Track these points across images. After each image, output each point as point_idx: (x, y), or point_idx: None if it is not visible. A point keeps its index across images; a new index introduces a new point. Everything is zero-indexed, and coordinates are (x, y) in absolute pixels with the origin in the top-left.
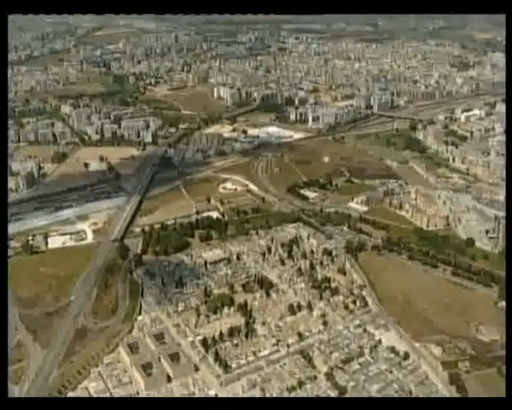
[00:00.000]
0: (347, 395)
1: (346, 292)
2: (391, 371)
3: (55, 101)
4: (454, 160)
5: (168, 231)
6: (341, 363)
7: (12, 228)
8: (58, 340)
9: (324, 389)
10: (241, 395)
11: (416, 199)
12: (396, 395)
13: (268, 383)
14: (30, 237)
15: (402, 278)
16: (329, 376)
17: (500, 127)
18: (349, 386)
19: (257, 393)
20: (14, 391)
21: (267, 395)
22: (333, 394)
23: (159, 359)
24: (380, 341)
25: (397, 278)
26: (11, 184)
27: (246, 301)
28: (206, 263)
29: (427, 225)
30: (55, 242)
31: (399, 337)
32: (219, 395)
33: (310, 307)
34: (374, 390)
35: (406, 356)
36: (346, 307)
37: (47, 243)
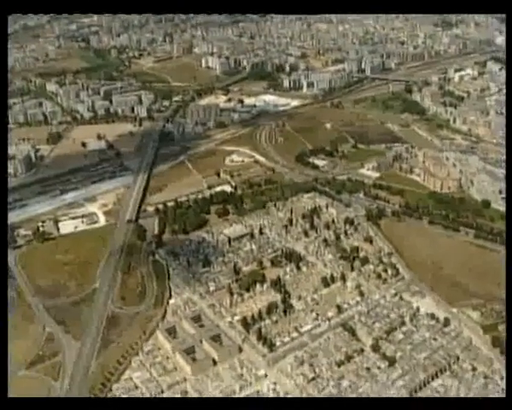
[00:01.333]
0: (396, 366)
1: (376, 261)
2: (435, 339)
3: (38, 79)
4: (455, 121)
5: (183, 209)
6: (385, 333)
7: (18, 215)
8: (90, 330)
9: (373, 361)
10: (290, 373)
11: (424, 162)
12: (444, 362)
13: (315, 359)
14: (40, 224)
15: (426, 243)
16: (375, 347)
17: (495, 87)
18: (397, 356)
19: (306, 370)
20: (56, 388)
21: (315, 371)
22: (383, 365)
23: (200, 342)
24: (418, 308)
25: (421, 244)
26: (8, 168)
27: (278, 277)
28: (229, 240)
29: (441, 189)
30: (67, 227)
31: (436, 304)
32: (268, 375)
33: (343, 278)
34: (421, 358)
35: (447, 322)
36: (379, 277)
37: (58, 229)
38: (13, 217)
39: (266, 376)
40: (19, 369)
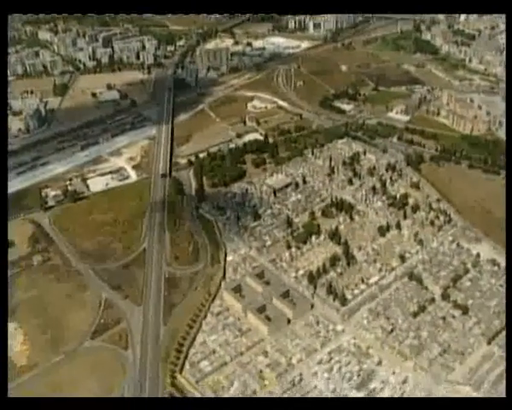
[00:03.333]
0: (470, 314)
1: (426, 207)
2: (501, 285)
3: (27, 27)
4: (470, 60)
5: (217, 160)
6: (452, 282)
7: (42, 174)
8: (150, 294)
9: (447, 310)
10: (367, 327)
11: (448, 104)
12: None
13: (389, 311)
14: (68, 183)
15: (470, 187)
16: (446, 296)
17: (503, 24)
18: (469, 304)
19: (383, 322)
20: (128, 358)
21: (392, 323)
22: (456, 313)
23: (271, 300)
24: (478, 254)
25: (465, 188)
26: (19, 125)
27: (336, 228)
28: (275, 191)
29: (471, 131)
30: (97, 184)
31: (493, 249)
32: (346, 330)
33: (398, 226)
34: (492, 306)
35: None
36: (432, 223)
37: (88, 187)
38: (37, 176)
39: (344, 331)
40: (83, 339)
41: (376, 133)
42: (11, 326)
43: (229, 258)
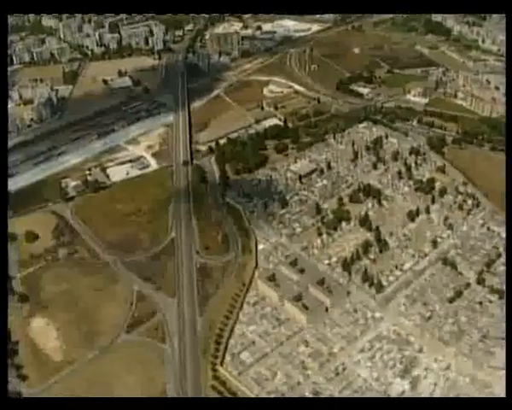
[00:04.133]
0: (504, 300)
1: (453, 191)
2: None
3: (30, 13)
4: (484, 41)
5: (238, 146)
6: (485, 266)
7: (59, 165)
8: (183, 284)
9: (483, 295)
10: (405, 313)
11: (464, 85)
12: None
13: (426, 297)
14: (87, 172)
15: (495, 171)
16: (481, 281)
17: None
18: (503, 289)
19: (420, 308)
20: (166, 351)
21: (429, 309)
22: (493, 298)
23: (306, 288)
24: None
25: (490, 171)
26: (31, 114)
27: (366, 214)
28: (300, 177)
29: (490, 114)
30: (117, 173)
31: None
32: (384, 317)
33: (427, 211)
34: None
35: None
36: (461, 207)
37: (108, 176)
38: (54, 167)
39: (382, 318)
40: (118, 334)
41: (396, 116)
42: (42, 321)
43: (260, 246)
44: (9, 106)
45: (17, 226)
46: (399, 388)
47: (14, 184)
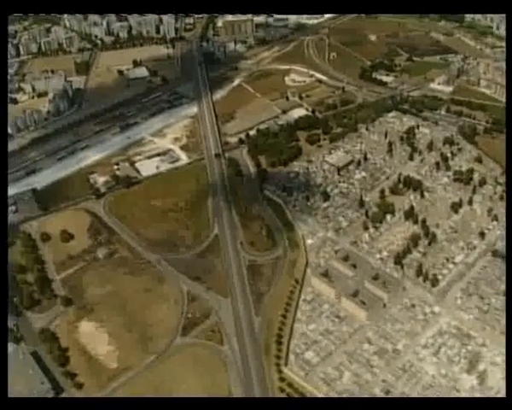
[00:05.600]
0: None
1: (492, 182)
2: None
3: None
4: (498, 27)
5: (269, 138)
6: None
7: (84, 159)
8: (234, 283)
9: None
10: (463, 307)
11: (485, 73)
12: None
13: (481, 290)
14: (115, 167)
15: None
16: None
17: None
18: None
19: (477, 302)
20: (227, 352)
21: (486, 302)
22: None
23: (362, 284)
24: None
25: None
26: (48, 106)
27: (412, 207)
28: (338, 169)
29: None
30: (147, 167)
31: None
32: (442, 311)
33: (470, 202)
34: None
35: None
36: (502, 198)
37: (139, 171)
38: (80, 161)
39: (441, 313)
40: (173, 337)
41: (423, 105)
42: (91, 326)
43: (308, 241)
44: (22, 98)
45: (49, 226)
46: (467, 383)
47: (39, 181)
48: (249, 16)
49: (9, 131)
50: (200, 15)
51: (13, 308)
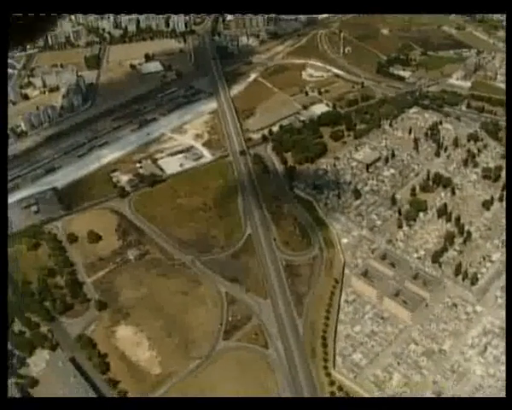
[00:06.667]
0: None
1: None
2: None
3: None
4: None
5: (293, 134)
6: None
7: (104, 157)
8: (272, 284)
9: None
10: (502, 305)
11: (501, 67)
12: None
13: None
14: (137, 165)
15: None
16: None
17: None
18: None
19: None
20: (272, 356)
21: None
22: None
23: (402, 283)
24: None
25: None
26: (61, 102)
27: (445, 204)
28: (367, 166)
29: None
30: (171, 165)
31: None
32: (484, 311)
33: (501, 199)
34: None
35: None
36: None
37: (162, 169)
38: (100, 159)
39: (483, 312)
40: (216, 341)
41: (444, 101)
42: (128, 330)
43: (344, 240)
44: (33, 93)
45: (74, 226)
46: None
47: (59, 179)
48: None
49: (23, 127)
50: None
51: (45, 314)
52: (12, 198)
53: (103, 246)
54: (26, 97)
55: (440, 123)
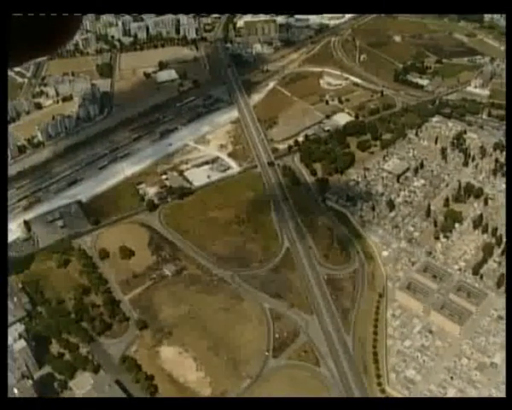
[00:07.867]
0: None
1: None
2: None
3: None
4: None
5: (319, 144)
6: None
7: (128, 167)
8: (317, 299)
9: None
10: None
11: None
12: None
13: None
14: (163, 177)
15: None
16: None
17: None
18: None
19: None
20: (324, 373)
21: None
22: None
23: (447, 296)
24: None
25: None
26: (77, 111)
27: (481, 215)
28: (398, 177)
29: None
30: (198, 177)
31: None
32: None
33: None
34: None
35: None
36: None
37: (189, 181)
38: (124, 170)
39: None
40: (265, 359)
41: (465, 110)
42: (173, 350)
43: (384, 253)
44: (46, 103)
45: (104, 241)
46: None
47: (83, 192)
48: (269, 16)
49: (40, 138)
50: (218, 16)
51: (83, 334)
52: (35, 212)
53: (137, 262)
54: (38, 107)
55: (465, 132)
